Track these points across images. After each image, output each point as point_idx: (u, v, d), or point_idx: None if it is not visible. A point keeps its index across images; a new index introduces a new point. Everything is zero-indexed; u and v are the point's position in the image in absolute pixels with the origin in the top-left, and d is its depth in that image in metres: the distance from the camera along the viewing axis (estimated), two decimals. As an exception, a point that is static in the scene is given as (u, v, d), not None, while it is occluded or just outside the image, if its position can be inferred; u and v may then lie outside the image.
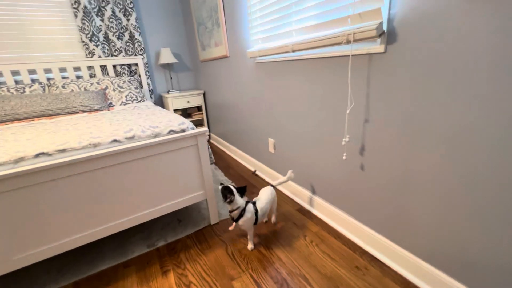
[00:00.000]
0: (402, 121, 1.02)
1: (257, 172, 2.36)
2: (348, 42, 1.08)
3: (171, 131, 1.40)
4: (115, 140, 1.25)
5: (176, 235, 1.56)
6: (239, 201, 1.32)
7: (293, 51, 1.42)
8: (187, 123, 1.49)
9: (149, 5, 3.06)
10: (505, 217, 0.79)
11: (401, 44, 0.97)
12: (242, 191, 1.37)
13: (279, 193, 1.98)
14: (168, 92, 3.21)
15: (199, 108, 3.44)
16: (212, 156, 1.64)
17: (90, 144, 1.19)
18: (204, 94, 3.32)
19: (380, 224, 1.25)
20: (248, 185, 2.15)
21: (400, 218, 1.14)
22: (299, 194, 1.82)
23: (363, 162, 1.25)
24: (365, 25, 1.00)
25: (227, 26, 2.27)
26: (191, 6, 2.87)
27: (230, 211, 1.32)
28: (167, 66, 3.31)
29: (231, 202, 1.29)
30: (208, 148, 1.55)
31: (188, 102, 3.18)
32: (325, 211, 1.59)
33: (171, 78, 3.29)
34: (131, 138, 1.30)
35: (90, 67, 2.79)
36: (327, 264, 1.27)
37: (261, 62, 1.86)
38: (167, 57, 3.06)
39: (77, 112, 2.15)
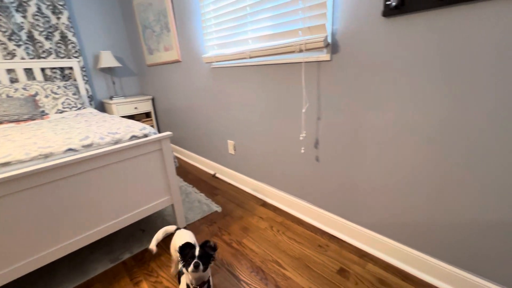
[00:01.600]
0: (347, 117, 1.25)
1: (217, 175, 2.40)
2: (301, 51, 1.26)
3: (133, 137, 1.36)
4: (70, 149, 1.15)
5: (142, 245, 1.49)
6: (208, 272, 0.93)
7: (251, 57, 1.55)
8: (148, 128, 1.46)
9: (84, 4, 2.80)
10: (436, 187, 1.06)
11: (342, 53, 1.19)
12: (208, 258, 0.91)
13: (243, 192, 2.07)
14: (111, 98, 2.96)
15: (147, 115, 3.27)
16: (176, 159, 1.63)
17: (40, 155, 1.08)
18: (152, 99, 3.18)
19: (335, 206, 1.46)
20: (210, 187, 2.18)
21: (351, 199, 1.36)
22: (261, 190, 1.94)
23: (318, 154, 1.45)
24: (314, 37, 1.19)
25: (178, 31, 2.26)
26: (134, 9, 2.74)
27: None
28: (109, 71, 3.06)
29: (205, 269, 0.89)
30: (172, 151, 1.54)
31: (135, 108, 3.00)
32: (287, 202, 1.75)
33: (114, 83, 3.05)
34: (89, 146, 1.21)
35: (10, 70, 2.39)
36: (295, 247, 1.41)
37: (218, 67, 1.94)
38: (108, 60, 2.83)
39: (1, 123, 1.83)
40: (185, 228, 1.60)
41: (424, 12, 0.91)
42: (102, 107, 3.10)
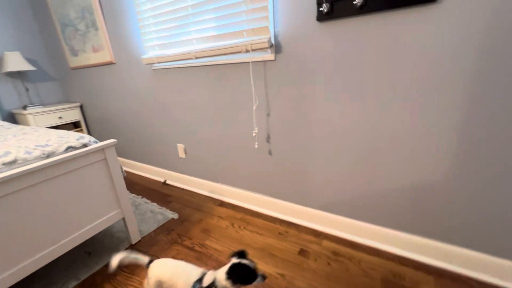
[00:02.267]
0: (293, 111, 1.37)
1: (168, 181, 2.28)
2: (247, 51, 1.32)
3: (70, 148, 1.20)
4: (-14, 169, 0.95)
5: (90, 269, 1.33)
6: None
7: (196, 58, 1.54)
8: (87, 136, 1.31)
9: (-25, -6, 2.28)
10: (368, 167, 1.26)
11: (285, 53, 1.30)
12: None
13: (198, 196, 2.03)
14: (25, 108, 2.49)
15: (76, 124, 2.86)
16: (123, 169, 1.49)
17: None
18: (81, 106, 2.80)
19: (290, 195, 1.58)
20: (162, 196, 2.06)
21: (303, 186, 1.50)
22: (218, 191, 1.94)
23: (270, 148, 1.54)
24: (259, 38, 1.27)
25: (108, 30, 2.07)
26: (49, 3, 2.38)
27: None
28: (19, 75, 2.57)
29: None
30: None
31: (60, 118, 2.60)
32: (244, 198, 1.80)
33: (27, 90, 2.57)
34: (12, 163, 1.02)
35: None
36: (257, 239, 1.47)
37: (160, 69, 1.85)
38: (16, 63, 2.37)
39: None
40: (139, 241, 1.50)
41: (349, 18, 1.08)
42: (12, 119, 2.57)
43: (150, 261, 0.97)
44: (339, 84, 1.19)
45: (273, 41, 1.29)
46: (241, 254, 0.90)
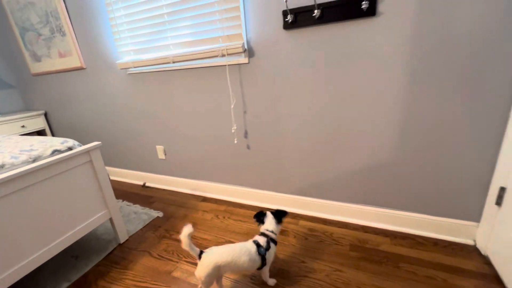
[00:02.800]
0: (266, 108, 1.54)
1: (148, 184, 2.31)
2: (223, 55, 1.46)
3: (56, 151, 1.22)
4: (-26, 175, 0.96)
5: (80, 270, 1.35)
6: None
7: (174, 62, 1.64)
8: (70, 140, 1.34)
9: None
10: (329, 150, 1.47)
11: (257, 57, 1.47)
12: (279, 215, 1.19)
13: (180, 194, 2.10)
14: (-20, 117, 2.32)
15: (40, 133, 2.72)
16: (108, 171, 1.53)
17: None
18: (45, 114, 2.68)
19: (267, 184, 1.75)
20: (143, 198, 2.10)
21: (279, 175, 1.68)
22: (199, 188, 2.04)
23: (248, 143, 1.70)
24: (234, 43, 1.42)
25: (77, 35, 2.05)
26: (4, 6, 2.26)
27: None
28: (-30, 83, 2.38)
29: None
30: (102, 163, 1.45)
31: (23, 126, 2.46)
32: (226, 192, 1.93)
33: (-18, 98, 2.40)
34: (0, 167, 1.03)
35: None
36: (242, 226, 1.62)
37: (136, 73, 1.90)
38: (-31, 70, 2.22)
39: None
40: (127, 240, 1.55)
41: (309, 27, 1.29)
42: (-35, 131, 2.37)
43: (201, 252, 1.02)
44: (304, 82, 1.39)
45: (246, 46, 1.45)
46: (262, 213, 1.20)
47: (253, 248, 1.05)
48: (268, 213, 1.18)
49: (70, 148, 1.29)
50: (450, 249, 1.29)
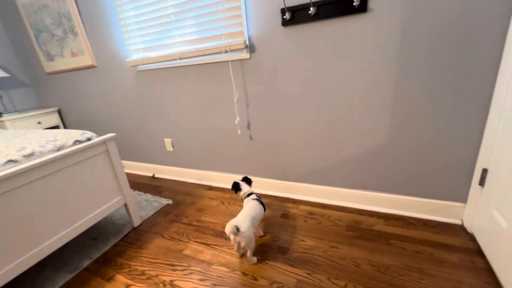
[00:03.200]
0: (267, 100, 1.65)
1: (157, 175, 2.45)
2: (226, 51, 1.57)
3: (77, 141, 1.35)
4: (10, 161, 1.09)
5: (100, 249, 1.49)
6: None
7: (180, 58, 1.75)
8: (88, 132, 1.46)
9: None
10: (325, 139, 1.58)
11: (257, 52, 1.57)
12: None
13: (187, 184, 2.23)
14: (0, 115, 2.48)
15: (54, 129, 2.87)
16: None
17: (-24, 170, 1.00)
18: (59, 111, 2.83)
19: (269, 172, 1.86)
20: (153, 188, 2.23)
21: (279, 163, 1.79)
22: (205, 177, 2.17)
23: (251, 134, 1.81)
24: (236, 40, 1.53)
25: (88, 35, 2.17)
26: (20, 10, 2.39)
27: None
28: (-10, 83, 2.53)
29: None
30: (117, 153, 1.58)
31: (39, 123, 2.62)
32: (230, 181, 2.03)
33: (1, 97, 2.56)
34: (31, 155, 1.16)
35: None
36: (246, 211, 1.74)
37: (144, 70, 2.02)
38: (-12, 70, 2.36)
39: None
40: (140, 224, 1.69)
41: (306, 24, 1.38)
42: (-14, 128, 2.53)
43: (237, 228, 1.17)
44: (302, 74, 1.49)
45: (247, 43, 1.56)
46: (236, 183, 1.53)
47: (256, 200, 1.39)
48: (240, 182, 1.53)
49: (89, 139, 1.42)
50: (439, 228, 1.40)
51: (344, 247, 1.34)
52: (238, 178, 1.99)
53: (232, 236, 1.17)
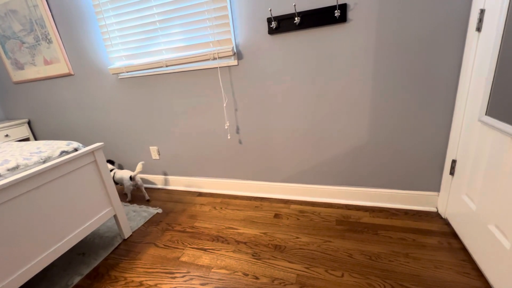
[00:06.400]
0: (255, 105, 1.71)
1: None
2: (215, 58, 1.61)
3: (63, 152, 1.30)
4: (-7, 175, 1.03)
5: (90, 264, 1.42)
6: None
7: (167, 65, 1.76)
8: (74, 142, 1.41)
9: None
10: (312, 142, 1.67)
11: (245, 59, 1.63)
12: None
13: (176, 192, 2.20)
14: (-40, 128, 2.26)
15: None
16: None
17: (-43, 187, 0.92)
18: (29, 123, 2.64)
19: (259, 175, 1.91)
20: (140, 197, 2.17)
21: (269, 165, 1.85)
22: (194, 184, 2.16)
23: (240, 138, 1.85)
24: (224, 48, 1.58)
25: (64, 43, 2.09)
26: (-17, 15, 2.23)
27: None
28: None
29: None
30: (104, 163, 1.53)
31: (6, 135, 2.42)
32: (220, 186, 2.06)
33: (-40, 109, 2.33)
34: (15, 168, 1.10)
35: None
36: (239, 214, 1.76)
37: (127, 78, 1.98)
38: None
39: None
40: (131, 236, 1.65)
41: (291, 32, 1.47)
42: None
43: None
44: (287, 80, 1.58)
45: (235, 50, 1.61)
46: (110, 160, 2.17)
47: (127, 171, 2.02)
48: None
49: (75, 149, 1.37)
50: (418, 216, 1.54)
51: (337, 240, 1.42)
52: (228, 182, 2.03)
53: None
